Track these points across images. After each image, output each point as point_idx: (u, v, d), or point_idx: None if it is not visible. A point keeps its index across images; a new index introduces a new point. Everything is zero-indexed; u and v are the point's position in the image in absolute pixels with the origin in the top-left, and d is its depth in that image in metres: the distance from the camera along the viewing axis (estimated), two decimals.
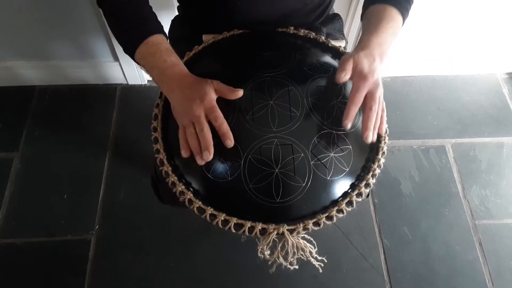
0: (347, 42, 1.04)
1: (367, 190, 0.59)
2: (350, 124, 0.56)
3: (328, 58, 0.69)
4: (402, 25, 0.65)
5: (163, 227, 1.19)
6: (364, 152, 0.62)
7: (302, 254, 0.57)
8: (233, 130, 0.55)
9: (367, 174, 0.59)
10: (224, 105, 0.57)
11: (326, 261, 0.59)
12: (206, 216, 0.55)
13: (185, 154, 0.56)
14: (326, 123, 0.60)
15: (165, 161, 0.59)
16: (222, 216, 0.55)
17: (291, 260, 0.57)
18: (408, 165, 1.33)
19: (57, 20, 1.16)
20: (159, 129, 0.62)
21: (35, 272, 1.11)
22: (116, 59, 1.33)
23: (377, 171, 0.60)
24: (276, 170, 0.56)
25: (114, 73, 1.39)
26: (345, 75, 0.56)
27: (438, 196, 1.27)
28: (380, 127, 0.59)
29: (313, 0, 0.72)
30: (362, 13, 0.68)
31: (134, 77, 1.41)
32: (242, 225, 0.54)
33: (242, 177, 0.56)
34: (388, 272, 1.15)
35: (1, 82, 1.39)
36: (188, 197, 0.56)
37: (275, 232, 0.54)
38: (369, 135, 0.56)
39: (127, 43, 0.62)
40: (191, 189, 0.58)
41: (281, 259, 0.58)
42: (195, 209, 0.56)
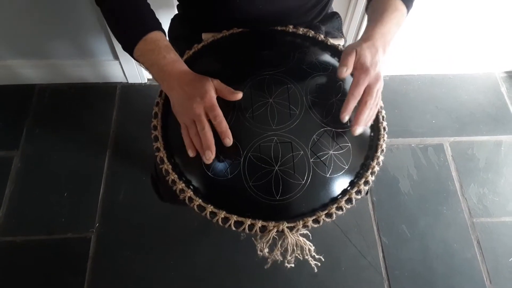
0: (346, 41, 1.05)
1: (366, 188, 0.59)
2: (348, 117, 0.56)
3: (327, 56, 0.69)
4: (406, 15, 0.65)
5: (163, 226, 1.19)
6: (363, 150, 0.62)
7: (301, 253, 0.57)
8: (233, 128, 0.56)
9: (366, 172, 0.60)
10: (224, 103, 0.57)
11: (325, 260, 0.59)
12: (206, 214, 0.56)
13: (192, 154, 0.56)
14: (326, 121, 0.60)
15: (165, 159, 0.59)
16: (222, 214, 0.55)
17: (289, 258, 0.58)
18: (407, 163, 1.33)
19: (57, 19, 1.16)
20: (159, 128, 0.62)
21: (35, 271, 1.11)
22: (116, 58, 1.33)
23: (376, 169, 0.60)
24: (276, 168, 0.56)
25: (114, 72, 1.39)
26: (347, 70, 0.56)
27: (436, 194, 1.28)
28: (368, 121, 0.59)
29: None
30: (367, 4, 0.69)
31: (134, 76, 1.41)
32: (242, 223, 0.55)
33: (242, 175, 0.56)
34: (387, 270, 1.15)
35: (1, 81, 1.40)
36: (188, 195, 0.57)
37: (275, 230, 0.55)
38: (357, 130, 0.57)
39: (126, 40, 0.62)
40: (191, 187, 0.58)
41: (280, 257, 0.58)
42: (195, 207, 0.56)
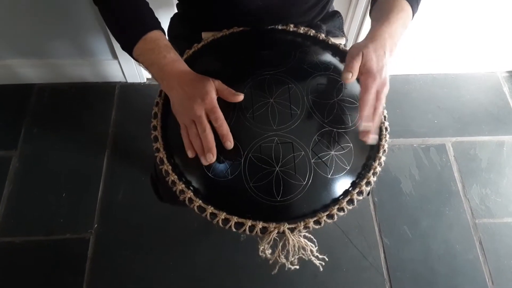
0: (347, 40, 1.04)
1: (368, 188, 0.58)
2: (366, 125, 0.55)
3: (328, 56, 0.68)
4: (412, 18, 0.64)
5: (163, 226, 1.18)
6: (365, 150, 0.61)
7: (303, 253, 0.56)
8: (233, 129, 0.55)
9: (368, 172, 0.59)
10: (224, 103, 0.57)
11: (326, 260, 0.59)
12: (207, 215, 0.55)
13: (191, 155, 0.55)
14: (327, 121, 0.59)
15: (165, 160, 0.58)
16: (223, 215, 0.55)
17: (292, 260, 0.57)
18: (408, 164, 1.33)
19: (56, 18, 1.16)
20: (159, 128, 0.61)
21: (34, 271, 1.11)
22: (115, 57, 1.32)
23: (378, 169, 0.60)
24: (277, 169, 0.56)
25: (113, 71, 1.38)
26: (352, 76, 0.55)
27: (438, 195, 1.27)
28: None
29: None
30: (371, 6, 0.68)
31: (133, 75, 1.40)
32: (243, 224, 0.54)
33: (243, 176, 0.55)
34: (388, 271, 1.15)
35: (0, 80, 1.39)
36: (188, 196, 0.56)
37: (276, 231, 0.54)
38: (373, 139, 0.55)
39: (125, 40, 0.61)
40: (191, 188, 0.57)
41: (282, 259, 0.57)
42: (196, 208, 0.56)
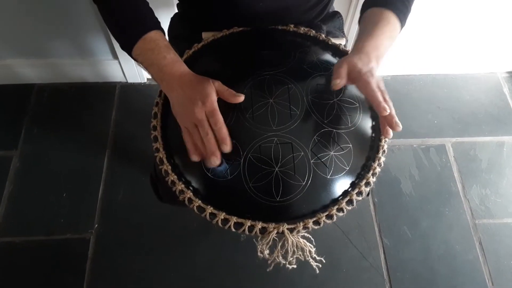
0: (347, 40, 1.04)
1: (368, 189, 0.58)
2: (389, 110, 0.53)
3: (328, 56, 0.68)
4: (400, 31, 0.63)
5: (163, 226, 1.18)
6: (365, 151, 0.61)
7: (302, 254, 0.56)
8: (233, 129, 0.55)
9: (368, 173, 0.59)
10: (224, 104, 0.57)
11: (326, 261, 0.59)
12: (206, 215, 0.55)
13: (196, 159, 0.55)
14: (326, 122, 0.59)
15: (165, 160, 0.58)
16: (222, 215, 0.55)
17: (290, 260, 0.57)
18: (408, 164, 1.33)
19: (56, 18, 1.16)
20: (159, 128, 0.61)
21: (34, 271, 1.11)
22: (116, 57, 1.32)
23: (378, 170, 0.59)
24: (276, 169, 0.56)
25: (114, 71, 1.38)
26: (340, 82, 0.55)
27: (438, 195, 1.27)
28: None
29: None
30: (360, 17, 0.67)
31: (134, 75, 1.40)
32: (242, 224, 0.54)
33: (242, 176, 0.55)
34: (388, 272, 1.14)
35: (0, 80, 1.39)
36: (188, 196, 0.56)
37: (275, 231, 0.54)
38: (396, 123, 0.53)
39: (125, 39, 0.61)
40: (191, 188, 0.57)
41: (281, 258, 0.57)
42: (195, 208, 0.56)
